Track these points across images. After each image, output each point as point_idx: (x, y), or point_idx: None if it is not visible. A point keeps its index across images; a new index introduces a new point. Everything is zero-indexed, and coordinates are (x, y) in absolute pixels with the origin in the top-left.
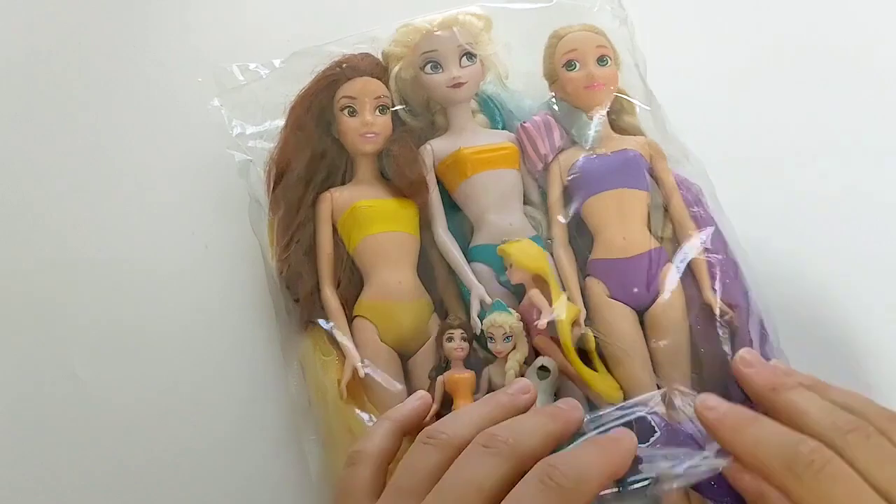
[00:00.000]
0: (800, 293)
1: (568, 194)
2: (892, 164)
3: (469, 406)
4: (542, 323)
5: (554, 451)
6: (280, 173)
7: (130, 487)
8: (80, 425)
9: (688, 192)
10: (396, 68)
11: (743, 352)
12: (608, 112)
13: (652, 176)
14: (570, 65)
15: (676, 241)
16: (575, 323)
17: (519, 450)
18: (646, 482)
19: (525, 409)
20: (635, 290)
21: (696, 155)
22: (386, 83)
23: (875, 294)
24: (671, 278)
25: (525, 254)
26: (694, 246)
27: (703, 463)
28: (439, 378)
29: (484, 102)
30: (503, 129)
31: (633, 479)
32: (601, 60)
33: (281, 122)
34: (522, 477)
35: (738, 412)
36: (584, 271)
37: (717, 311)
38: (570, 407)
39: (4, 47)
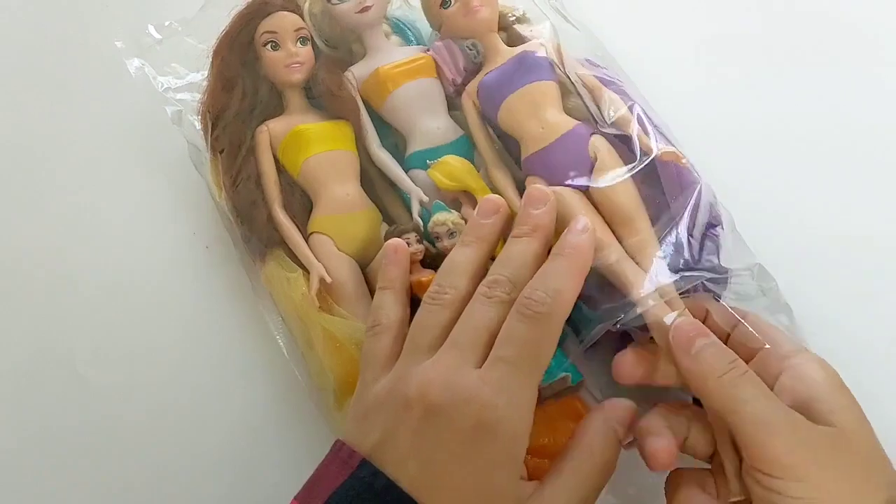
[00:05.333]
0: None
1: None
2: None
3: (456, 252)
4: None
5: None
6: (216, 115)
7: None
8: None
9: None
10: (307, 5)
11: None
12: (500, 30)
13: (561, 68)
14: (444, 3)
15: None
16: None
17: (518, 285)
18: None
19: (505, 226)
20: (571, 172)
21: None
22: (301, 17)
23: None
24: (600, 143)
25: (449, 175)
26: (617, 108)
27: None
28: None
29: (395, 25)
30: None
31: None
32: None
33: (204, 73)
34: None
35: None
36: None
37: (655, 151)
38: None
39: None
